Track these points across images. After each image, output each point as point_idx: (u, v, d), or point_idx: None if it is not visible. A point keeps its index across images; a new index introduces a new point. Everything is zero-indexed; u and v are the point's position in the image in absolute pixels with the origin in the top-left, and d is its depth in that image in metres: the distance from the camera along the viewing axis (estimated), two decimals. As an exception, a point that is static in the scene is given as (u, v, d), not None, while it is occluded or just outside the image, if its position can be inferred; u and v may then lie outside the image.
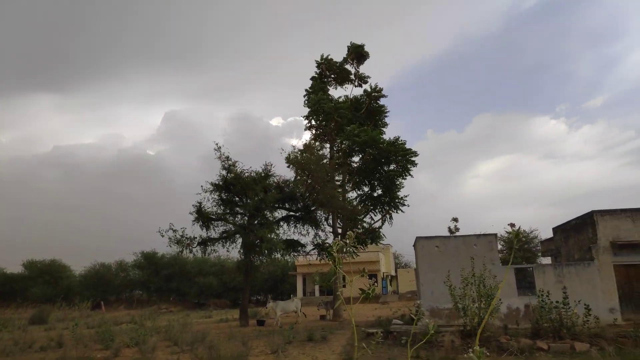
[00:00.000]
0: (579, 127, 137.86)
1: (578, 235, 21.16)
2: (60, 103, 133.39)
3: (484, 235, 19.72)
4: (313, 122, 27.85)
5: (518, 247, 37.76)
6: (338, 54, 29.20)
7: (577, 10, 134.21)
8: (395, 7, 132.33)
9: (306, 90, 28.77)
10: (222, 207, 25.85)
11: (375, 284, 2.59)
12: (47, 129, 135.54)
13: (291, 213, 27.10)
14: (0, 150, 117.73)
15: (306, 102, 28.21)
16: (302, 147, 25.97)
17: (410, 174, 26.03)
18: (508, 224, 2.67)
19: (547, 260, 29.43)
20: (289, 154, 25.71)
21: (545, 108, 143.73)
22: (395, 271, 56.68)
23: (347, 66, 28.60)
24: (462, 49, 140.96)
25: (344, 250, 30.75)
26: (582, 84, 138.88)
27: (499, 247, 28.97)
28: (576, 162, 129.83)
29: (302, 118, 27.39)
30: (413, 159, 25.67)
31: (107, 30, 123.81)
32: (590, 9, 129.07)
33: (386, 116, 28.40)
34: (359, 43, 27.94)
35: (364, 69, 29.24)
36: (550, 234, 25.71)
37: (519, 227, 2.59)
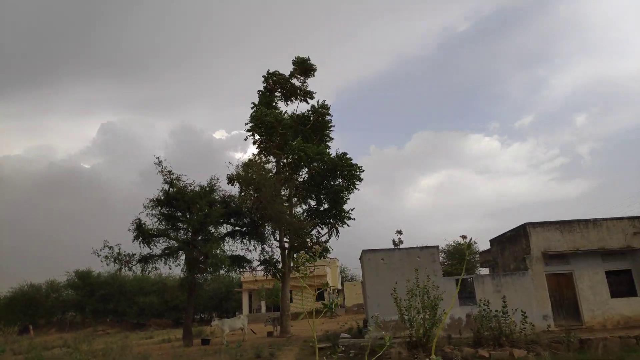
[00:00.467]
0: (510, 145, 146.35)
1: (513, 246, 22.29)
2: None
3: (427, 247, 20.33)
4: (257, 136, 27.62)
5: (469, 258, 39.14)
6: (283, 69, 29.11)
7: (507, 34, 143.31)
8: (338, 26, 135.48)
9: (253, 103, 28.61)
10: (163, 223, 24.98)
11: (338, 298, 2.60)
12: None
13: (237, 228, 26.65)
14: None
15: (252, 115, 27.87)
16: (245, 164, 25.60)
17: (356, 188, 26.38)
18: (460, 236, 2.77)
19: (485, 271, 30.73)
20: (232, 173, 25.55)
21: (479, 126, 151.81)
22: (342, 285, 56.99)
23: (294, 81, 28.77)
24: (401, 68, 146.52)
25: (307, 262, 31.19)
26: (513, 104, 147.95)
27: (440, 258, 29.89)
28: (508, 177, 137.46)
29: (245, 132, 27.19)
30: (359, 173, 26.08)
31: (38, 33, 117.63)
32: (519, 33, 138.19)
33: (331, 131, 28.73)
34: (304, 57, 28.22)
35: (310, 83, 29.51)
36: (487, 246, 26.90)
37: (471, 239, 2.69)
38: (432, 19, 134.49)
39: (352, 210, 26.61)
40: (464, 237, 2.69)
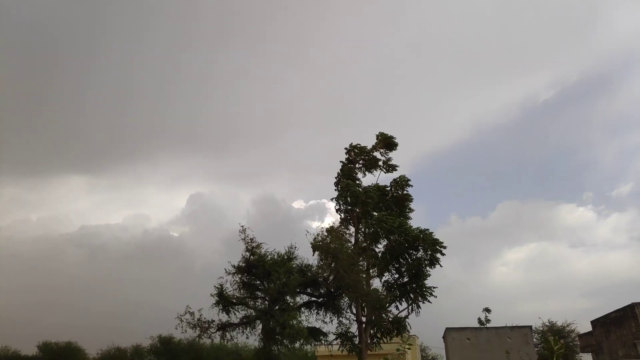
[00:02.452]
0: (608, 215, 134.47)
1: (620, 329, 19.81)
2: (89, 183, 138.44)
3: (518, 327, 18.69)
4: (341, 206, 28.15)
5: (558, 353, 35.28)
6: (355, 138, 30.25)
7: (594, 100, 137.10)
8: (414, 100, 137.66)
9: (338, 173, 29.60)
10: (242, 291, 25.34)
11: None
12: (75, 209, 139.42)
13: (313, 298, 26.36)
14: (29, 229, 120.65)
15: (336, 185, 28.84)
16: (326, 231, 25.85)
17: (438, 263, 25.55)
18: (544, 323, 2.49)
19: (587, 356, 27.36)
20: (314, 238, 25.67)
21: (570, 195, 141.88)
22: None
23: (376, 153, 29.54)
24: (481, 138, 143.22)
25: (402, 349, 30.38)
26: (607, 172, 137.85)
27: (534, 340, 27.21)
28: (607, 251, 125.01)
29: (324, 201, 28.09)
30: (441, 248, 25.36)
31: (132, 112, 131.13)
32: (607, 99, 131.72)
33: (411, 202, 28.68)
34: (388, 134, 29.25)
35: (391, 156, 30.10)
36: (586, 327, 24.16)
37: (562, 341, 2.41)
38: (513, 88, 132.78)
39: (435, 288, 25.53)
40: (548, 329, 2.40)
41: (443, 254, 25.65)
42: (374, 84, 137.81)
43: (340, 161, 29.95)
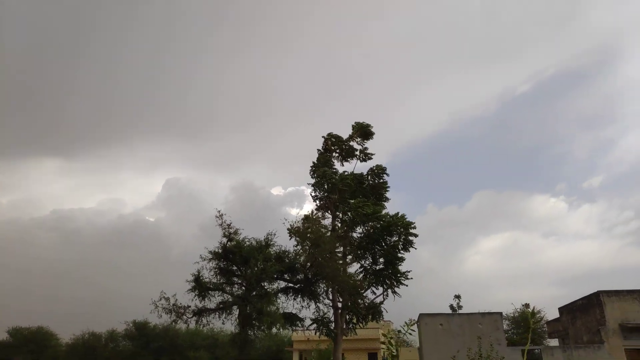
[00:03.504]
0: (579, 206, 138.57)
1: (585, 316, 20.58)
2: (63, 167, 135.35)
3: (490, 313, 19.24)
4: (318, 193, 28.44)
5: (534, 327, 36.44)
6: (336, 128, 30.70)
7: (570, 95, 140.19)
8: (393, 90, 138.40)
9: (313, 162, 29.68)
10: (219, 277, 25.23)
11: None
12: (48, 193, 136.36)
13: (290, 285, 26.45)
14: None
15: (312, 173, 29.04)
16: (303, 219, 25.98)
17: (412, 246, 25.88)
18: (522, 304, 2.62)
19: (554, 342, 28.38)
20: (291, 225, 25.75)
21: (544, 187, 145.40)
22: (396, 350, 54.21)
23: (352, 143, 30.06)
24: (458, 129, 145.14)
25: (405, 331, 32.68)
26: (580, 164, 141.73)
27: (505, 326, 28.05)
28: (578, 240, 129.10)
29: (303, 188, 28.58)
30: (413, 231, 25.74)
31: (113, 95, 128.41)
32: (583, 94, 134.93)
33: (387, 191, 29.24)
34: (365, 123, 29.64)
35: (368, 145, 30.52)
36: (555, 314, 25.02)
37: (534, 307, 2.54)
38: (491, 80, 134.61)
39: (409, 271, 25.96)
40: (527, 305, 2.53)
41: (416, 235, 25.89)
42: (353, 73, 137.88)
43: (318, 149, 30.31)
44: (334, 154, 30.27)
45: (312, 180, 28.65)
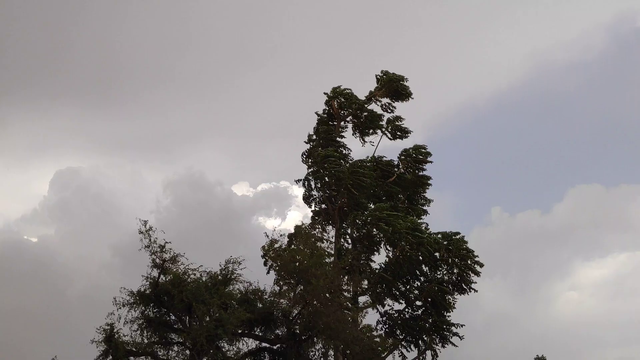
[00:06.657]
0: None
1: None
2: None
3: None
4: (313, 191, 20.94)
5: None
6: (351, 85, 21.61)
7: None
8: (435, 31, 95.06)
9: (308, 135, 22.00)
10: (148, 333, 17.62)
11: None
12: None
13: (265, 345, 18.99)
14: None
15: (306, 157, 21.32)
16: (289, 236, 18.73)
17: (471, 288, 18.14)
18: None
19: None
20: (267, 246, 18.22)
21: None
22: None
23: (374, 106, 22.11)
24: (543, 82, 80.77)
25: None
26: None
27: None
28: None
29: (287, 184, 21.82)
30: (476, 265, 17.98)
31: None
32: None
33: (428, 189, 21.32)
34: (396, 74, 21.44)
35: (399, 111, 22.51)
36: None
37: None
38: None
39: (461, 326, 18.19)
40: None
41: (481, 265, 18.21)
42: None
43: (316, 113, 22.22)
44: (343, 122, 22.32)
45: (304, 170, 21.03)
